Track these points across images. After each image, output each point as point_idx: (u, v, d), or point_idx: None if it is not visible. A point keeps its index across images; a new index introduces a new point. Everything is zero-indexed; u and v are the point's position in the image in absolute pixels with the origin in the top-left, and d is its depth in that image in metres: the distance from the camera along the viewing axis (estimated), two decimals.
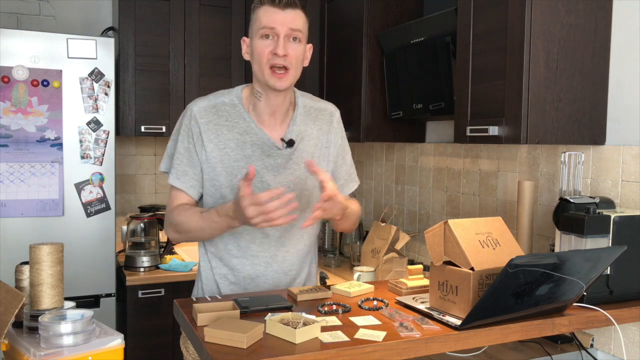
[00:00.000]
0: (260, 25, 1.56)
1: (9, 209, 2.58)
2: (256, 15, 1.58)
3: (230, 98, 1.67)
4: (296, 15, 1.56)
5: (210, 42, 3.13)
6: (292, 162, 1.66)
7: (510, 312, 1.35)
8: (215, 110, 1.64)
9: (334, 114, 1.78)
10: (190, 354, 1.65)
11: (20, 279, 1.49)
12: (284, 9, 1.54)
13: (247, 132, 1.63)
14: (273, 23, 1.54)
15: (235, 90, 1.69)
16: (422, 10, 2.67)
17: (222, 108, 1.65)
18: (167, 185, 1.72)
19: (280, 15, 1.54)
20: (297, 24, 1.56)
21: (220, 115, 1.64)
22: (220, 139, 1.63)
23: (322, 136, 1.73)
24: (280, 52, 1.54)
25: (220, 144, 1.63)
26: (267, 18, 1.55)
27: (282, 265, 1.70)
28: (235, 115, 1.64)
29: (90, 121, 2.70)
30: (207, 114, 1.64)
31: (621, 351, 1.71)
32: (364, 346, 1.22)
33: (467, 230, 1.40)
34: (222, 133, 1.63)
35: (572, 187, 1.67)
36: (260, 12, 1.57)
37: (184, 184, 1.67)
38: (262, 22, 1.56)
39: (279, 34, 1.54)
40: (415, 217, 2.82)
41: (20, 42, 2.57)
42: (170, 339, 2.78)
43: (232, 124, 1.64)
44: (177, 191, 1.69)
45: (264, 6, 1.56)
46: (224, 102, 1.66)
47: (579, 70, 1.74)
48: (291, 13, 1.55)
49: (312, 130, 1.71)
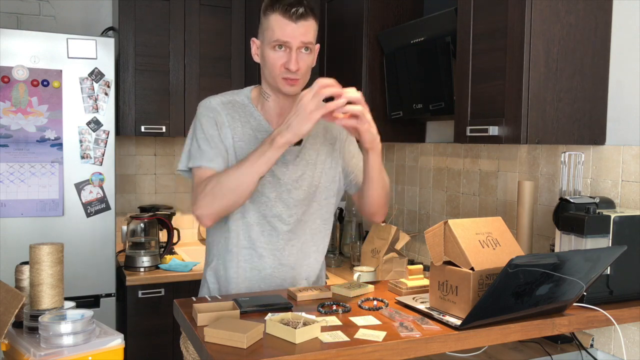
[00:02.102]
0: (273, 37, 1.55)
1: (9, 209, 2.58)
2: (268, 23, 1.57)
3: (240, 97, 1.71)
4: (308, 26, 1.56)
5: (210, 42, 3.13)
6: (300, 159, 1.69)
7: (510, 312, 1.35)
8: (231, 105, 1.68)
9: None
10: (190, 354, 1.65)
11: (20, 279, 1.49)
12: (297, 21, 1.54)
13: (258, 129, 1.67)
14: (286, 37, 1.54)
15: (244, 91, 1.73)
16: (422, 10, 2.67)
17: (236, 104, 1.69)
18: (168, 185, 1.72)
19: (292, 28, 1.54)
20: (309, 36, 1.57)
21: (236, 110, 1.68)
22: (236, 132, 1.66)
23: (327, 133, 1.76)
24: (293, 68, 1.56)
25: (236, 137, 1.65)
26: (280, 30, 1.54)
27: (289, 260, 1.71)
28: (247, 113, 1.68)
29: (90, 121, 2.70)
30: (225, 107, 1.67)
31: (621, 351, 1.71)
32: (364, 346, 1.22)
33: (467, 230, 1.40)
34: (237, 127, 1.66)
35: (572, 187, 1.67)
36: (272, 21, 1.55)
37: (217, 165, 1.61)
38: (275, 33, 1.55)
39: (291, 47, 1.56)
40: (415, 217, 2.82)
41: (20, 42, 2.57)
42: (170, 339, 2.77)
43: (245, 120, 1.67)
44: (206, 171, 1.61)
45: (275, 14, 1.55)
46: (236, 100, 1.70)
47: (579, 70, 1.74)
48: (303, 25, 1.55)
49: (319, 127, 1.73)
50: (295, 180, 1.69)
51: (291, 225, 1.69)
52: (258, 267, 1.69)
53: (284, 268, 1.71)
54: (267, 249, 1.68)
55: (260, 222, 1.67)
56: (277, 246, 1.69)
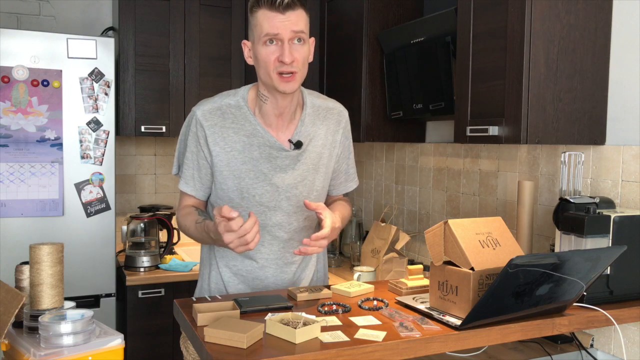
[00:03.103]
0: (263, 32, 1.50)
1: (9, 209, 2.58)
2: (256, 20, 1.52)
3: (235, 100, 1.63)
4: (297, 16, 1.51)
5: (210, 42, 3.13)
6: (301, 164, 1.65)
7: (510, 312, 1.35)
8: (221, 113, 1.61)
9: (342, 114, 1.76)
10: (190, 354, 1.65)
11: (20, 279, 1.49)
12: (284, 12, 1.49)
13: (253, 134, 1.61)
14: (275, 29, 1.49)
15: (240, 91, 1.65)
16: (422, 10, 2.67)
17: (228, 110, 1.62)
18: (167, 185, 1.73)
19: (281, 19, 1.49)
20: (300, 25, 1.51)
21: (226, 118, 1.61)
22: (227, 141, 1.61)
23: (329, 136, 1.71)
24: (287, 60, 1.50)
25: (227, 147, 1.61)
26: (268, 24, 1.49)
27: (291, 267, 1.70)
28: (241, 118, 1.61)
29: (90, 121, 2.70)
30: (212, 116, 1.61)
31: (621, 351, 1.71)
32: (364, 346, 1.22)
33: (467, 230, 1.40)
34: (229, 135, 1.61)
35: (572, 187, 1.67)
36: (260, 17, 1.51)
37: (191, 189, 1.68)
38: (263, 28, 1.50)
39: (282, 39, 1.50)
40: (415, 217, 2.82)
41: (20, 42, 2.57)
42: (170, 339, 2.78)
43: (239, 126, 1.61)
44: (185, 194, 1.71)
45: (262, 9, 1.50)
46: (230, 103, 1.63)
47: (579, 70, 1.74)
48: (292, 15, 1.50)
49: (320, 130, 1.69)
50: (294, 187, 1.64)
51: (291, 233, 1.68)
52: (260, 277, 1.68)
53: (286, 276, 1.70)
54: (268, 259, 1.67)
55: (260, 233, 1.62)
56: (278, 255, 1.68)
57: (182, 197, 1.72)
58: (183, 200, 1.71)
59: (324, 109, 1.71)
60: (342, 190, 1.81)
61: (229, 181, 1.62)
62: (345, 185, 1.82)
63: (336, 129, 1.73)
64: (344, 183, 1.81)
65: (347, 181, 1.82)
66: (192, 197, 1.69)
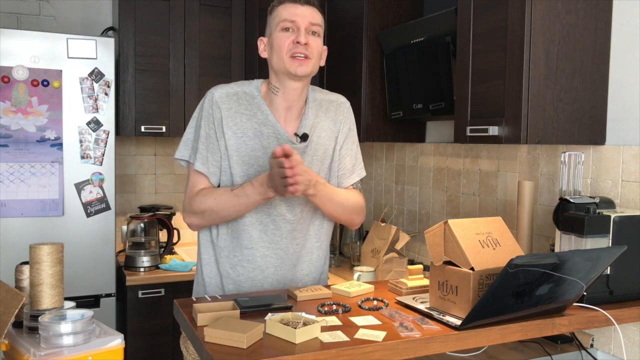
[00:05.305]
0: (281, 19, 1.61)
1: (9, 209, 2.58)
2: (275, 12, 1.63)
3: (250, 89, 1.70)
4: (315, 12, 1.63)
5: (210, 42, 3.13)
6: (307, 155, 1.68)
7: (510, 312, 1.35)
8: (237, 98, 1.67)
9: (344, 104, 1.80)
10: (190, 354, 1.65)
11: (20, 279, 1.49)
12: (304, 5, 1.61)
13: (264, 123, 1.66)
14: (294, 16, 1.60)
15: (255, 82, 1.72)
16: (422, 10, 2.67)
17: (243, 97, 1.68)
18: (167, 185, 1.73)
19: (300, 10, 1.61)
20: (317, 19, 1.63)
21: (241, 103, 1.67)
22: (239, 126, 1.65)
23: (333, 127, 1.75)
24: (303, 41, 1.59)
25: (239, 132, 1.65)
26: (287, 12, 1.61)
27: (291, 258, 1.70)
28: (254, 106, 1.67)
29: (90, 121, 2.70)
30: (229, 100, 1.66)
31: (621, 351, 1.71)
32: (364, 346, 1.22)
33: (467, 230, 1.40)
34: (242, 121, 1.65)
35: (572, 187, 1.67)
36: (280, 9, 1.62)
37: (208, 169, 1.66)
38: (282, 16, 1.61)
39: (299, 27, 1.60)
40: (415, 217, 2.82)
41: (20, 42, 2.57)
42: (170, 339, 2.78)
43: (252, 113, 1.66)
44: (199, 176, 1.67)
45: (283, 4, 1.62)
46: (245, 91, 1.69)
47: (579, 70, 1.74)
48: (310, 9, 1.62)
49: (324, 122, 1.73)
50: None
51: (294, 224, 1.69)
52: (261, 267, 1.68)
53: (286, 266, 1.70)
54: (269, 248, 1.68)
55: (263, 221, 1.66)
56: (280, 245, 1.68)
57: (194, 181, 1.67)
58: (196, 185, 1.67)
59: (326, 102, 1.76)
60: (346, 182, 1.80)
61: (237, 167, 1.65)
62: (351, 177, 1.80)
63: (338, 119, 1.76)
64: (349, 174, 1.80)
65: (351, 172, 1.80)
66: (205, 179, 1.66)
